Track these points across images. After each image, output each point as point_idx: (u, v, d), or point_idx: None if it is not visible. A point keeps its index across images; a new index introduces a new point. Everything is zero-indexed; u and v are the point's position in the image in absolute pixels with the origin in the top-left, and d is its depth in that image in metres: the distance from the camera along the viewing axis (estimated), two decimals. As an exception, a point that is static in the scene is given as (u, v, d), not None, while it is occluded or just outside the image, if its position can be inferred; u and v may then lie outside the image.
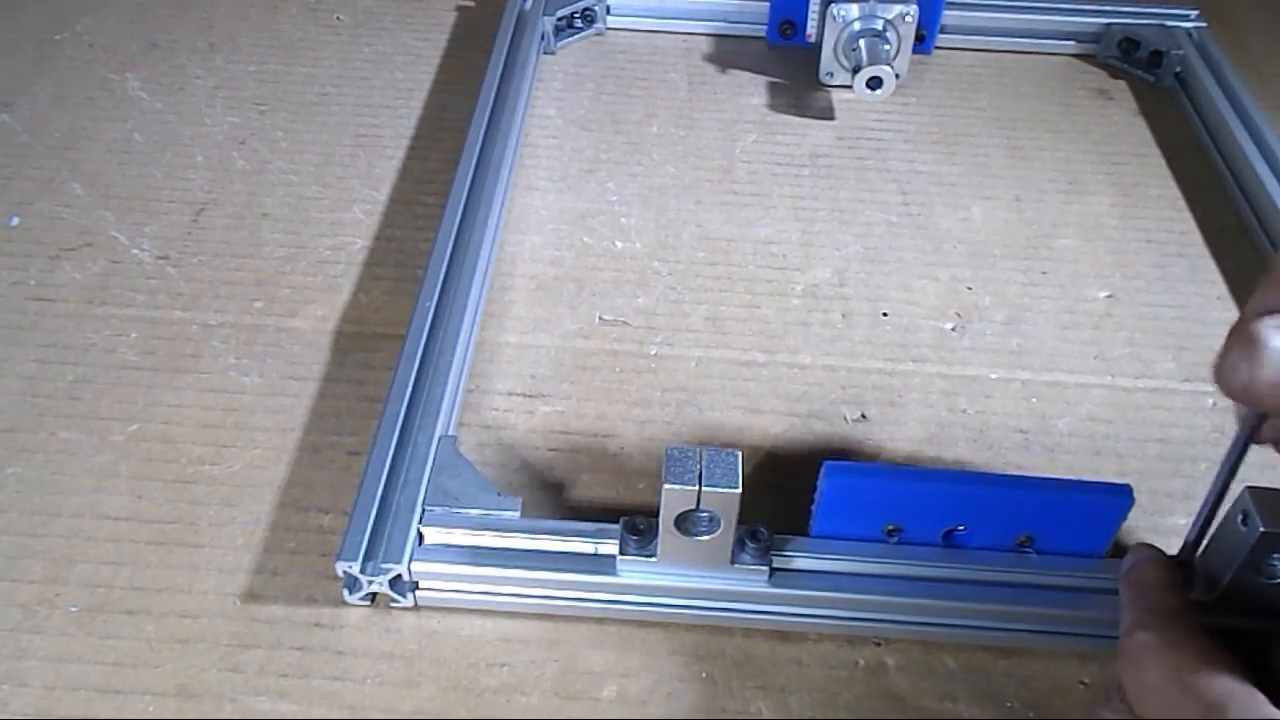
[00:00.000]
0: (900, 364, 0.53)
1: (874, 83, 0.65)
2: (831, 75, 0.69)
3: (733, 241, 0.59)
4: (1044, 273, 0.58)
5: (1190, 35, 0.71)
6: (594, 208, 0.61)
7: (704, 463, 0.37)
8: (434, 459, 0.44)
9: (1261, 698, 0.31)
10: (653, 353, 0.53)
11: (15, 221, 0.58)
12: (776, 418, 0.50)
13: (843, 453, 0.48)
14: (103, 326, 0.53)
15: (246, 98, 0.67)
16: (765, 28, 0.73)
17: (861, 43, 0.66)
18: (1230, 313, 0.56)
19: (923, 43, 0.72)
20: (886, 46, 0.66)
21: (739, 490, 0.36)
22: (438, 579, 0.41)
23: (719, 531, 0.38)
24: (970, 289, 0.57)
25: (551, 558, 0.41)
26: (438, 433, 0.45)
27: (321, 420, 0.49)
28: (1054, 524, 0.40)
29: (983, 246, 0.59)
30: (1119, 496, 0.40)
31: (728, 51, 0.73)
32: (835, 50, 0.68)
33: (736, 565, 0.40)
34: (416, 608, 0.42)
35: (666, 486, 0.36)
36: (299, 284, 0.55)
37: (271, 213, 0.60)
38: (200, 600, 0.42)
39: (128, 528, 0.44)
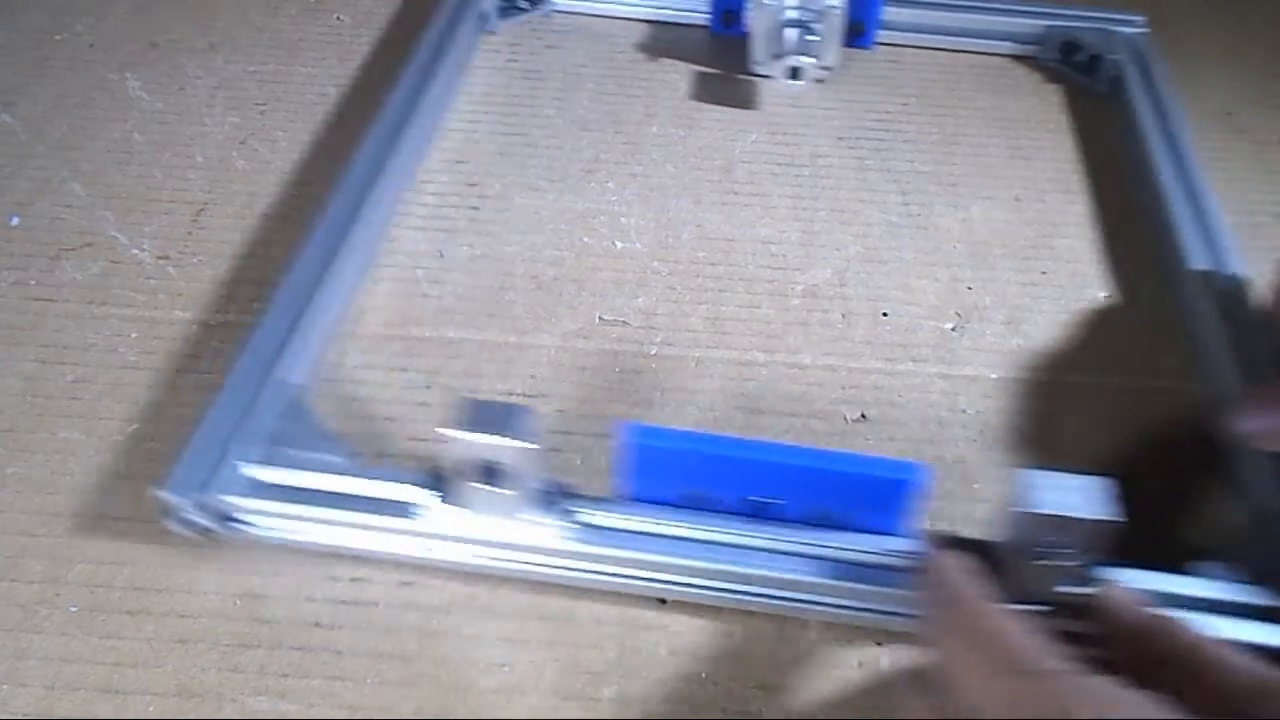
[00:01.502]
0: (900, 364, 0.53)
1: (794, 72, 0.65)
2: (761, 64, 0.69)
3: (732, 241, 0.59)
4: (1044, 273, 0.58)
5: (1130, 41, 0.70)
6: (594, 208, 0.61)
7: (498, 415, 0.38)
8: (278, 405, 0.45)
9: (1095, 675, 0.30)
10: (653, 353, 0.53)
11: (15, 221, 0.58)
12: (776, 418, 0.50)
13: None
14: (103, 326, 0.53)
15: (246, 98, 0.67)
16: (710, 16, 0.74)
17: (787, 32, 0.67)
18: (1230, 313, 0.56)
19: (861, 36, 0.72)
20: (812, 37, 0.66)
21: (534, 447, 0.37)
22: (269, 516, 0.42)
23: (512, 485, 0.39)
24: (970, 289, 0.57)
25: (364, 501, 0.42)
26: (291, 379, 0.47)
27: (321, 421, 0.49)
28: (853, 500, 0.41)
29: (983, 246, 0.59)
30: (909, 474, 0.40)
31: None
32: (764, 39, 0.68)
33: (533, 518, 0.41)
34: (253, 548, 0.43)
35: (456, 435, 0.37)
36: (299, 284, 0.55)
37: (271, 212, 0.60)
38: (200, 600, 0.42)
39: (128, 527, 0.44)
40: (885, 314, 0.55)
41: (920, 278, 0.57)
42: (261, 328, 0.48)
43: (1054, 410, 0.50)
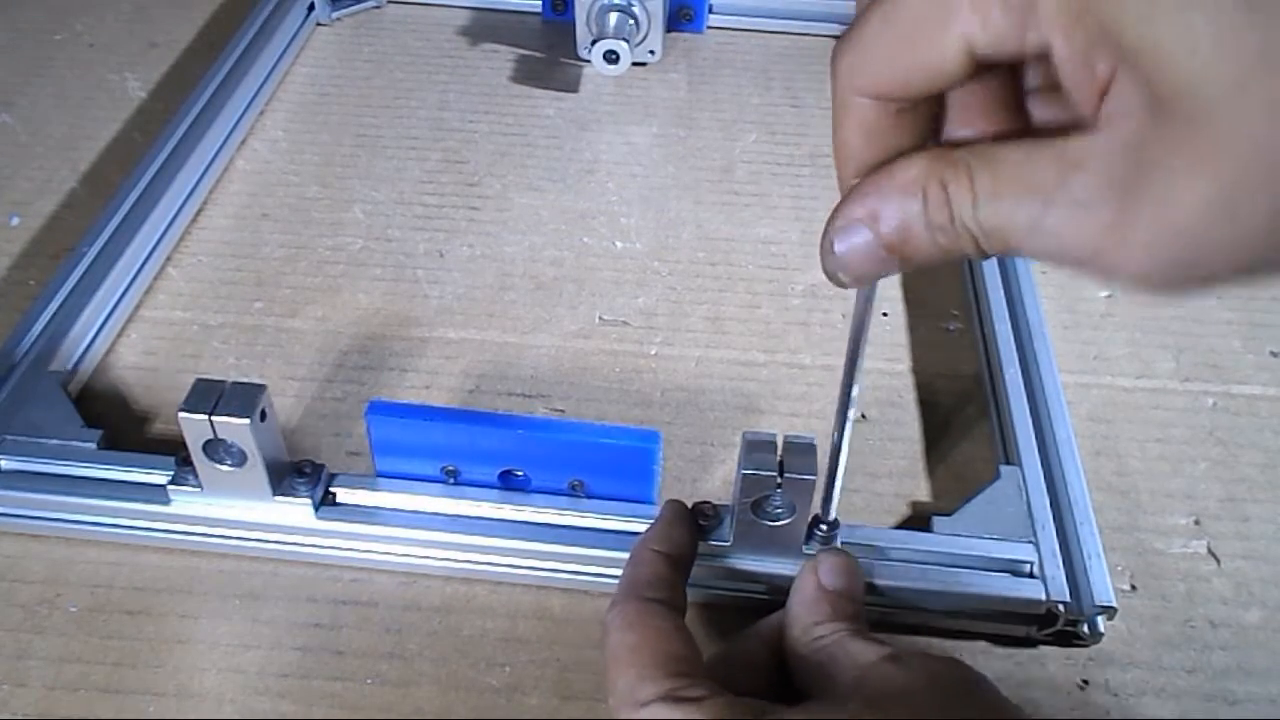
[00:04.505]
0: (900, 364, 0.53)
1: (610, 56, 0.65)
2: (588, 49, 0.69)
3: (732, 241, 0.59)
4: (1044, 272, 0.58)
5: None
6: (594, 207, 0.61)
7: (228, 394, 0.38)
8: (31, 391, 0.46)
9: (689, 680, 0.31)
10: (653, 353, 0.53)
11: (15, 221, 0.58)
12: (777, 418, 0.50)
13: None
14: (103, 326, 0.53)
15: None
16: (541, 2, 0.76)
17: (609, 17, 0.67)
18: (1230, 312, 0.56)
19: (691, 21, 0.73)
20: (632, 22, 0.67)
21: (249, 421, 0.38)
22: (12, 505, 0.43)
23: (246, 465, 0.39)
24: (970, 288, 0.57)
25: (117, 486, 0.43)
26: (50, 367, 0.48)
27: (321, 421, 0.49)
28: (599, 468, 0.42)
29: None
30: (645, 442, 0.40)
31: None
32: (588, 24, 0.68)
33: (273, 497, 0.41)
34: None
35: (185, 416, 0.38)
36: (299, 284, 0.55)
37: (271, 213, 0.60)
38: (200, 601, 0.42)
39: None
40: (885, 314, 0.55)
41: (920, 277, 0.57)
42: (29, 315, 0.49)
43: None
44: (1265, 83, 0.17)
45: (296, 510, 0.42)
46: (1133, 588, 0.44)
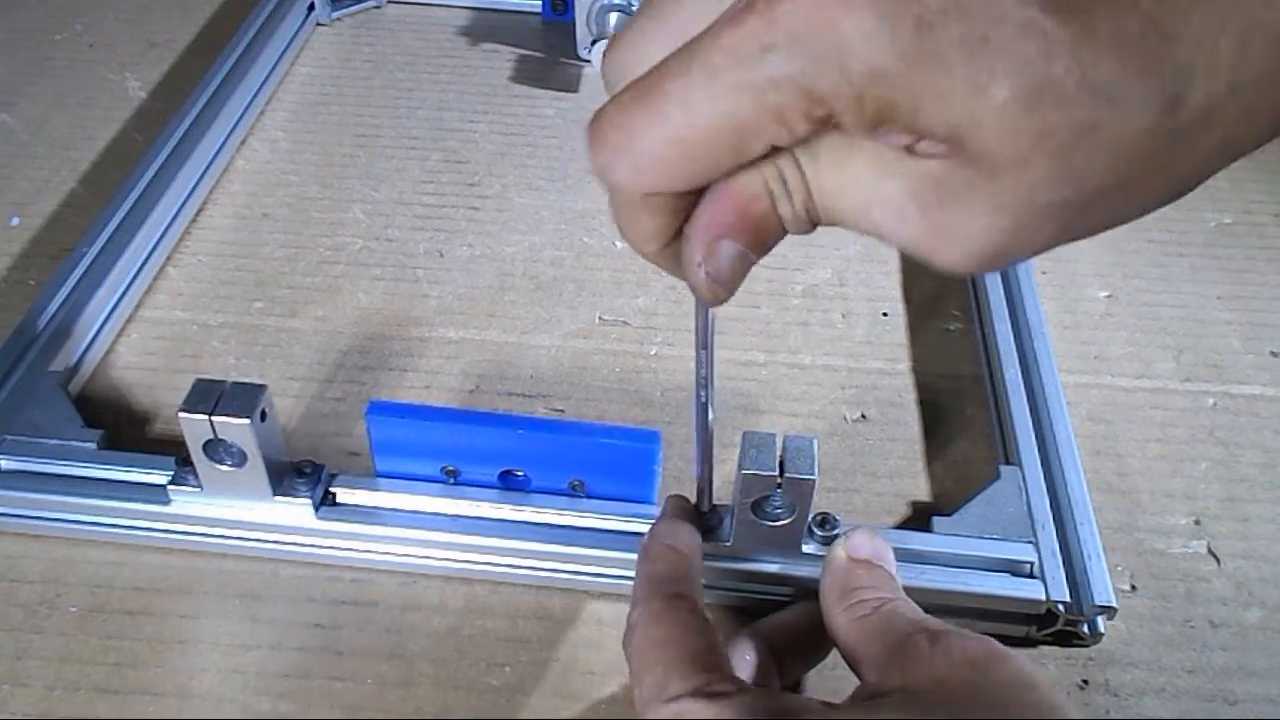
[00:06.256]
0: (900, 364, 0.53)
1: None
2: (588, 49, 0.69)
3: (733, 241, 0.59)
4: (1044, 273, 0.58)
5: None
6: (594, 207, 0.61)
7: (228, 394, 0.38)
8: (31, 391, 0.46)
9: (702, 678, 0.31)
10: (653, 353, 0.53)
11: (15, 221, 0.58)
12: (776, 418, 0.50)
13: (844, 454, 0.48)
14: (103, 326, 0.53)
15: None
16: (541, 2, 0.76)
17: (610, 16, 0.67)
18: (1230, 313, 0.56)
19: None
20: None
21: (250, 421, 0.38)
22: (12, 505, 0.43)
23: (246, 465, 0.39)
24: (971, 288, 0.57)
25: (117, 486, 0.43)
26: (49, 367, 0.48)
27: (321, 421, 0.49)
28: (599, 468, 0.42)
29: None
30: (645, 442, 0.41)
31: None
32: (588, 24, 0.68)
33: (273, 497, 0.41)
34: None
35: (186, 416, 0.38)
36: (299, 284, 0.55)
37: (271, 213, 0.60)
38: (200, 601, 0.42)
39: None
40: (885, 314, 0.55)
41: (921, 277, 0.57)
42: (29, 315, 0.49)
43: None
44: (1035, 133, 0.20)
45: (296, 510, 0.42)
46: (1133, 588, 0.44)
